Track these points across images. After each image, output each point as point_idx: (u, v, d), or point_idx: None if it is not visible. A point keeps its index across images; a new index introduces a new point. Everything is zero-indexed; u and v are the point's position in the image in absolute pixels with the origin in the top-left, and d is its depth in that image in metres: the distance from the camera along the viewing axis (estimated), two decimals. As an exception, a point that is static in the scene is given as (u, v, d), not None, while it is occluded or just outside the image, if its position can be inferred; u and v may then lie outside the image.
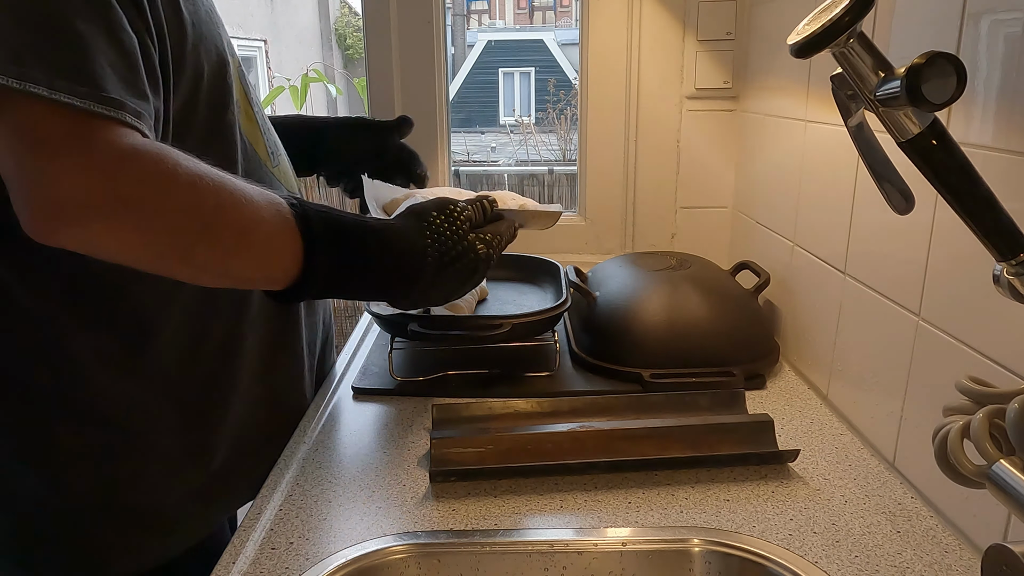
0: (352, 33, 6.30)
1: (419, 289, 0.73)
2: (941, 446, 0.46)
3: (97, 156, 0.53)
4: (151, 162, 0.55)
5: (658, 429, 0.78)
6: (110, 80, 0.55)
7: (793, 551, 0.63)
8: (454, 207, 0.76)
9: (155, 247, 0.58)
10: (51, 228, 0.53)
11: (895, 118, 0.44)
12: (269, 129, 0.86)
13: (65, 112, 0.52)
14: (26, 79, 0.51)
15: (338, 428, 0.85)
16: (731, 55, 1.26)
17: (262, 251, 0.64)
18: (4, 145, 0.53)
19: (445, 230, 0.74)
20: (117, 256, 0.57)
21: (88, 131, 0.53)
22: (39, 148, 0.52)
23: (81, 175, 0.52)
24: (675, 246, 1.36)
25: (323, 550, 0.64)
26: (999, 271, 0.44)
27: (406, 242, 0.72)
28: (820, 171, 0.93)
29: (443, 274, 0.73)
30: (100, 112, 0.53)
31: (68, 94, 0.52)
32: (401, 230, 0.73)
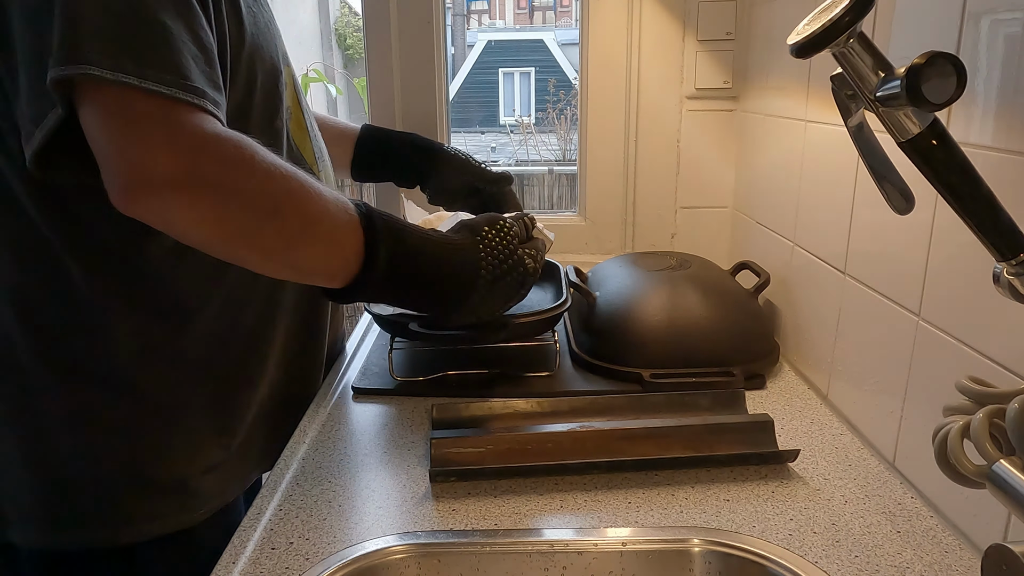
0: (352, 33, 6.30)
1: (471, 302, 0.75)
2: (941, 446, 0.46)
3: (183, 137, 0.58)
4: (231, 146, 0.60)
5: (658, 429, 0.78)
6: (193, 71, 0.60)
7: (793, 551, 0.63)
8: (504, 222, 0.78)
9: (226, 226, 0.61)
10: (135, 199, 0.58)
11: (895, 118, 0.44)
12: (317, 136, 0.91)
13: (153, 97, 0.57)
14: (118, 70, 0.56)
15: (338, 428, 0.85)
16: (731, 55, 1.26)
17: (325, 243, 0.66)
18: (98, 124, 0.57)
19: (497, 244, 0.76)
20: (189, 232, 0.61)
21: (175, 114, 0.58)
22: (131, 127, 0.57)
23: (167, 152, 0.57)
24: (675, 246, 1.36)
25: (323, 550, 0.64)
26: (999, 271, 0.44)
27: (462, 254, 0.74)
28: (820, 171, 0.93)
29: (494, 288, 0.75)
30: (185, 99, 0.58)
31: (156, 82, 0.57)
32: (458, 243, 0.75)
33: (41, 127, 0.59)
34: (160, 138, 0.57)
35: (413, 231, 0.73)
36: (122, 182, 0.58)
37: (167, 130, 0.58)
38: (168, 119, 0.58)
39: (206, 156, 0.59)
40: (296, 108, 0.83)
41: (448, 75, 1.37)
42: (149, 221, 0.60)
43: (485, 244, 0.75)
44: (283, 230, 0.64)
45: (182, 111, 0.58)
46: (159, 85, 0.57)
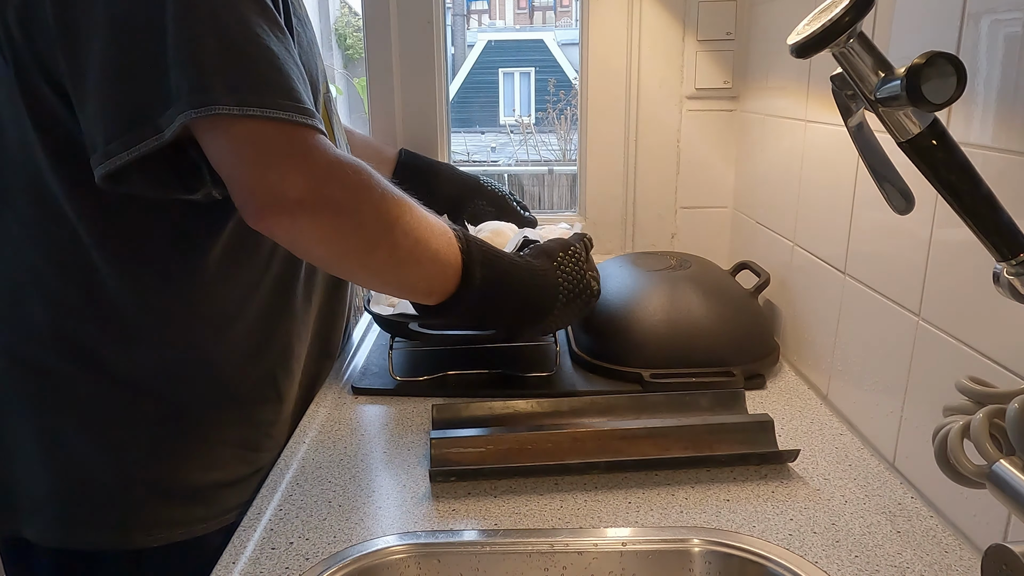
0: (352, 33, 6.30)
1: (546, 322, 0.82)
2: (941, 446, 0.46)
3: (311, 162, 0.63)
4: (353, 171, 0.65)
5: (658, 429, 0.78)
6: (302, 94, 0.64)
7: (793, 551, 0.63)
8: (574, 247, 0.85)
9: (344, 244, 0.67)
10: (269, 218, 0.63)
11: (895, 118, 0.44)
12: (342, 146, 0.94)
13: (277, 124, 0.61)
14: (243, 104, 0.59)
15: (338, 428, 0.85)
16: (731, 55, 1.26)
17: (430, 263, 0.72)
18: (228, 153, 0.62)
19: (571, 268, 0.83)
20: (312, 249, 0.68)
21: (299, 138, 0.63)
22: (263, 154, 0.62)
23: (300, 177, 0.62)
24: (675, 246, 1.36)
25: (323, 550, 0.64)
26: (999, 271, 0.44)
27: (543, 279, 0.81)
28: (820, 171, 0.93)
29: (567, 308, 0.82)
30: (302, 121, 0.62)
31: (275, 108, 0.61)
32: (539, 268, 0.81)
33: (132, 151, 0.61)
34: (292, 163, 0.62)
35: (503, 256, 0.79)
36: (258, 203, 0.62)
37: (297, 156, 0.62)
38: (294, 144, 0.62)
39: (333, 180, 0.64)
40: (327, 124, 0.84)
41: (448, 75, 1.37)
42: (277, 237, 0.65)
43: (562, 269, 0.82)
44: (395, 250, 0.69)
45: (303, 134, 0.63)
46: (279, 111, 0.61)
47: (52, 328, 0.72)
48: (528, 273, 0.80)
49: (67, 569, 0.77)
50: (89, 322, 0.72)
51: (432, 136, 1.34)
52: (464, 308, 0.75)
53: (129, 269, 0.72)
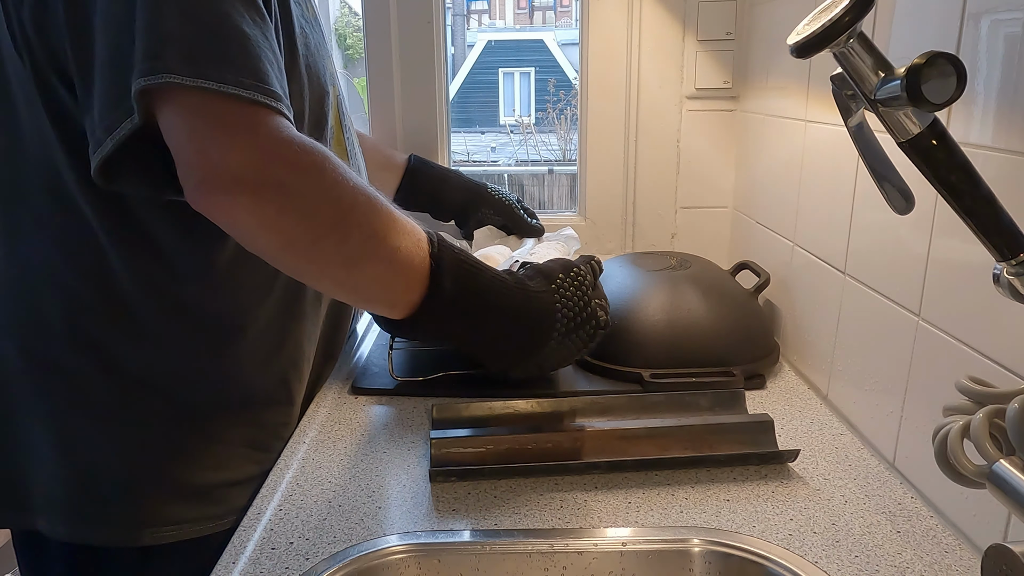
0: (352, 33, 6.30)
1: (542, 354, 0.73)
2: (941, 446, 0.46)
3: (258, 138, 0.59)
4: (305, 152, 0.61)
5: (658, 429, 0.78)
6: (271, 76, 0.61)
7: (793, 551, 0.63)
8: (578, 270, 0.75)
9: (288, 232, 0.61)
10: (206, 195, 0.59)
11: (895, 118, 0.44)
12: (356, 153, 0.93)
13: (234, 100, 0.58)
14: (199, 76, 0.57)
15: (338, 428, 0.85)
16: (731, 55, 1.26)
17: (387, 263, 0.65)
18: (177, 124, 0.58)
19: (572, 294, 0.74)
20: (253, 234, 0.62)
21: (254, 116, 0.59)
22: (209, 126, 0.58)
23: (243, 152, 0.58)
24: (675, 246, 1.36)
25: (323, 550, 0.64)
26: (999, 271, 0.44)
27: (538, 301, 0.72)
28: (820, 171, 0.93)
29: (566, 341, 0.74)
30: (263, 102, 0.59)
31: (235, 86, 0.58)
32: (534, 289, 0.72)
33: (113, 135, 0.59)
34: (237, 138, 0.58)
35: (485, 269, 0.71)
36: (196, 178, 0.58)
37: (243, 131, 0.59)
38: (244, 119, 0.59)
39: (278, 159, 0.59)
40: (338, 128, 0.84)
41: (448, 75, 1.37)
42: (217, 219, 0.61)
43: (561, 293, 0.73)
44: (344, 243, 0.63)
45: (260, 113, 0.59)
46: (238, 88, 0.58)
47: (66, 326, 0.73)
48: (517, 293, 0.72)
49: (77, 564, 0.78)
50: (103, 320, 0.73)
51: (432, 136, 1.34)
52: (435, 325, 0.69)
53: (142, 267, 0.72)
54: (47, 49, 0.65)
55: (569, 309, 0.73)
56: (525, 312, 0.71)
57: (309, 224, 0.61)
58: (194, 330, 0.75)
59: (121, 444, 0.75)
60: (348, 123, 0.90)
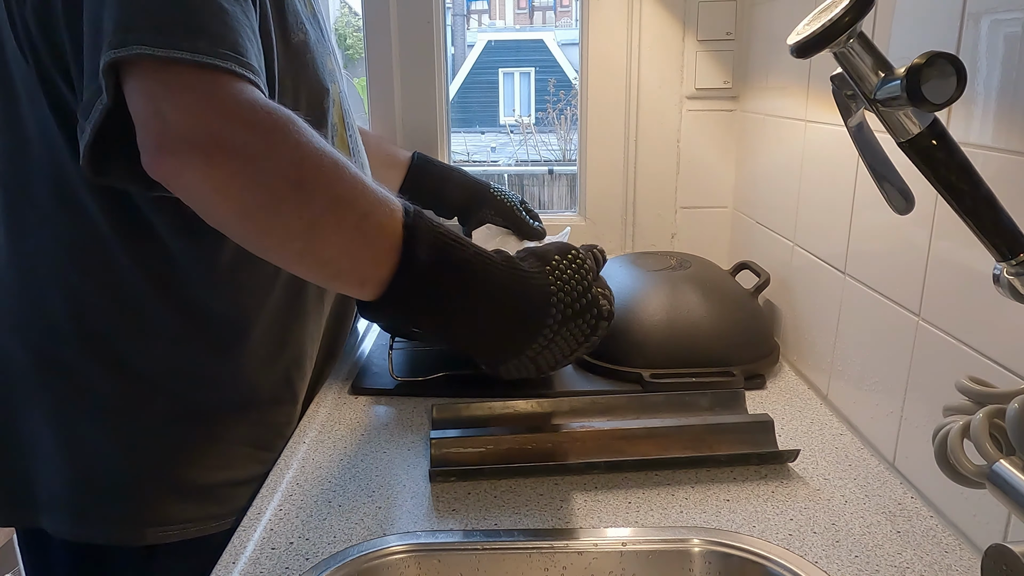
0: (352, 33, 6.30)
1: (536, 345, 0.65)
2: (941, 446, 0.46)
3: (216, 100, 0.55)
4: (265, 112, 0.56)
5: (658, 429, 0.78)
6: (250, 53, 0.58)
7: (793, 551, 0.63)
8: (575, 252, 0.68)
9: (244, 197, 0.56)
10: (158, 159, 0.54)
11: (895, 118, 0.44)
12: (360, 151, 0.91)
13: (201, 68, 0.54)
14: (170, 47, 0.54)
15: (338, 428, 0.85)
16: (731, 55, 1.26)
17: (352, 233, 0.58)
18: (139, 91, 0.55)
19: (570, 277, 0.66)
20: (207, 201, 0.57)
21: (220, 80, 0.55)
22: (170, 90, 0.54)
23: (198, 113, 0.54)
24: (675, 246, 1.36)
25: (323, 550, 0.64)
26: (999, 271, 0.44)
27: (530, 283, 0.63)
28: (820, 171, 0.93)
29: (563, 331, 0.65)
30: (232, 69, 0.55)
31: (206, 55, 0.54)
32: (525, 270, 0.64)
33: (90, 119, 0.57)
34: (193, 97, 0.54)
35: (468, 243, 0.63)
36: (151, 143, 0.54)
37: (201, 90, 0.55)
38: (209, 83, 0.55)
39: (235, 120, 0.55)
40: (341, 125, 0.84)
41: (448, 75, 1.37)
42: (171, 186, 0.56)
43: (557, 275, 0.65)
44: (305, 209, 0.56)
45: (226, 78, 0.55)
46: (210, 57, 0.54)
47: (72, 323, 0.73)
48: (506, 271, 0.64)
49: (82, 562, 0.78)
50: (108, 318, 0.73)
51: (432, 136, 1.34)
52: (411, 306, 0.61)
53: (147, 265, 0.72)
54: (49, 46, 0.65)
55: (566, 294, 0.65)
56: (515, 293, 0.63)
57: (267, 189, 0.56)
58: (198, 329, 0.75)
59: (125, 443, 0.75)
60: (351, 120, 0.90)
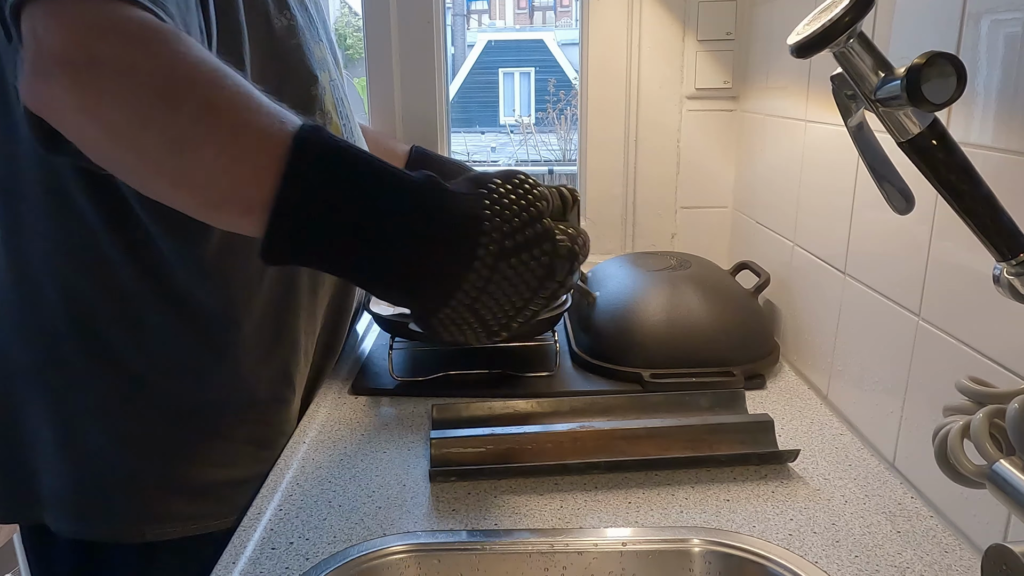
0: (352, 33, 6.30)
1: (469, 285, 0.51)
2: (941, 446, 0.46)
3: (91, 16, 0.49)
4: (139, 24, 0.49)
5: (658, 429, 0.78)
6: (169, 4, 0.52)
7: (793, 551, 0.63)
8: (526, 179, 0.55)
9: (112, 116, 0.49)
10: (30, 86, 0.49)
11: (895, 118, 0.44)
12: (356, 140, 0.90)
13: None
14: None
15: (338, 428, 0.85)
16: (731, 55, 1.26)
17: (227, 143, 0.50)
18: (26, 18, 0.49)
19: (512, 202, 0.53)
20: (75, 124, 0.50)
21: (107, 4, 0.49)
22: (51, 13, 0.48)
23: (69, 31, 0.48)
24: (675, 246, 1.36)
25: (323, 550, 0.64)
26: (999, 271, 0.44)
27: (454, 204, 0.52)
28: (820, 171, 0.93)
29: (504, 265, 0.51)
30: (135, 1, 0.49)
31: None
32: (449, 190, 0.53)
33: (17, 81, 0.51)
34: (69, 18, 0.48)
35: (374, 159, 0.52)
36: (26, 69, 0.49)
37: (80, 11, 0.48)
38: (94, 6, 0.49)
39: (108, 34, 0.49)
40: (334, 113, 0.83)
41: (448, 75, 1.37)
42: (43, 114, 0.50)
43: (494, 200, 0.52)
44: (173, 119, 0.48)
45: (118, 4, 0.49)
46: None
47: (68, 321, 0.73)
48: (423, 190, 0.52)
49: (83, 559, 0.78)
50: (104, 315, 0.73)
51: (432, 136, 1.34)
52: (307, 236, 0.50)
53: (140, 260, 0.72)
54: None
55: (504, 220, 0.51)
56: (434, 215, 0.51)
57: (133, 103, 0.48)
58: (190, 323, 0.75)
59: (122, 440, 0.75)
60: (346, 111, 0.88)
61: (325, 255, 0.52)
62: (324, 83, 0.81)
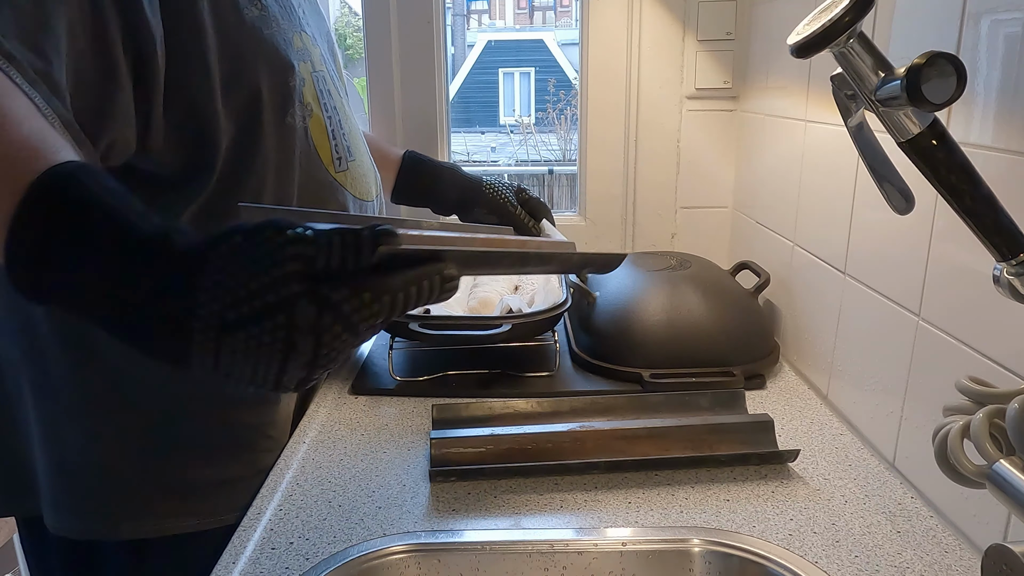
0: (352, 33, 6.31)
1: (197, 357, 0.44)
2: (941, 446, 0.46)
3: None
4: None
5: (658, 429, 0.78)
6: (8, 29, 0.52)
7: (793, 551, 0.63)
8: (279, 231, 0.43)
9: None
10: None
11: (895, 118, 0.44)
12: (346, 134, 0.87)
13: None
14: None
15: (338, 428, 0.85)
16: (731, 55, 1.26)
17: None
18: None
19: (243, 266, 0.43)
20: None
21: None
22: None
23: None
24: (675, 246, 1.36)
25: (323, 550, 0.64)
26: (999, 271, 0.44)
27: (168, 266, 0.44)
28: (820, 171, 0.93)
29: (230, 339, 0.43)
30: None
31: None
32: (175, 248, 0.44)
33: None
34: None
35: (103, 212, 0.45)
36: None
37: None
38: None
39: None
40: (316, 104, 0.82)
41: (448, 75, 1.37)
42: None
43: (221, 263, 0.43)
44: None
45: None
46: None
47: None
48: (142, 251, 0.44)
49: (74, 554, 0.78)
50: None
51: (432, 136, 1.34)
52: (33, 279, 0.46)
53: None
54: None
55: (224, 290, 0.42)
56: (139, 281, 0.44)
57: None
58: None
59: (99, 437, 0.75)
60: (335, 104, 0.86)
61: (60, 305, 0.48)
62: (304, 74, 0.79)
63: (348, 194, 0.85)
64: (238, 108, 0.71)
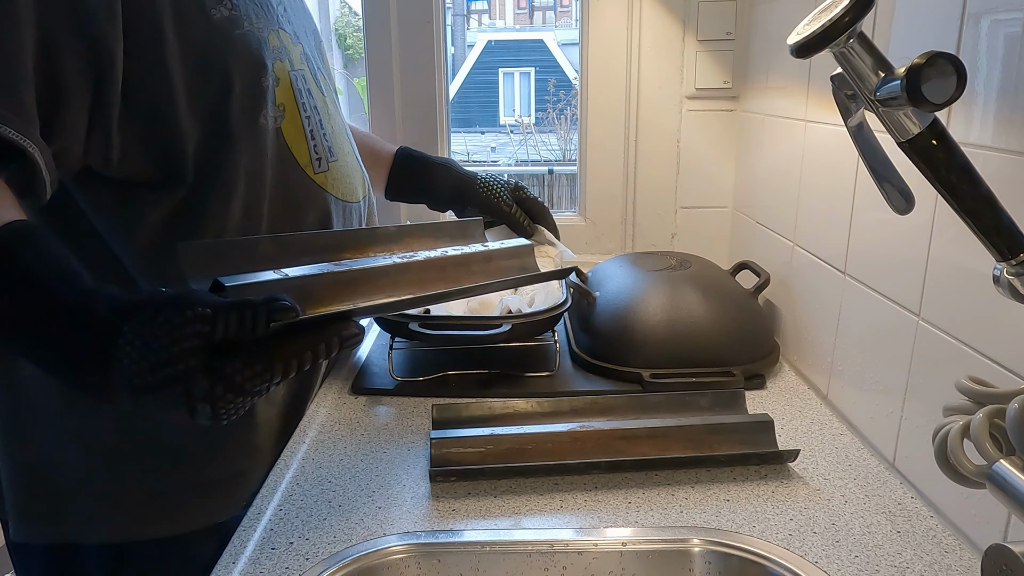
0: (352, 33, 6.31)
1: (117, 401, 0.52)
2: (941, 446, 0.46)
3: None
4: None
5: (658, 429, 0.78)
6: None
7: (793, 551, 0.63)
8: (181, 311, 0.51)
9: None
10: None
11: (895, 118, 0.44)
12: (328, 134, 0.85)
13: None
14: None
15: (338, 428, 0.85)
16: (731, 55, 1.26)
17: None
18: None
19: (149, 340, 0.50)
20: None
21: None
22: None
23: None
24: (675, 246, 1.36)
25: (323, 550, 0.64)
26: (999, 271, 0.44)
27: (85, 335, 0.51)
28: (820, 171, 0.93)
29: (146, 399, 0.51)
30: None
31: None
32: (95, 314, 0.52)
33: None
34: None
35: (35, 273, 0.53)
36: None
37: None
38: None
39: None
40: (292, 105, 0.80)
41: (448, 75, 1.37)
42: None
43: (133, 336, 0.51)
44: None
45: None
46: None
47: None
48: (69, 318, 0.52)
49: (53, 559, 0.78)
50: None
51: (432, 136, 1.34)
52: None
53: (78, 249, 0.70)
54: None
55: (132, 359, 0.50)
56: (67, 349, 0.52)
57: None
58: None
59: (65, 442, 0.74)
60: (318, 104, 0.84)
61: None
62: (279, 73, 0.77)
63: (329, 196, 0.83)
64: (204, 111, 0.69)
